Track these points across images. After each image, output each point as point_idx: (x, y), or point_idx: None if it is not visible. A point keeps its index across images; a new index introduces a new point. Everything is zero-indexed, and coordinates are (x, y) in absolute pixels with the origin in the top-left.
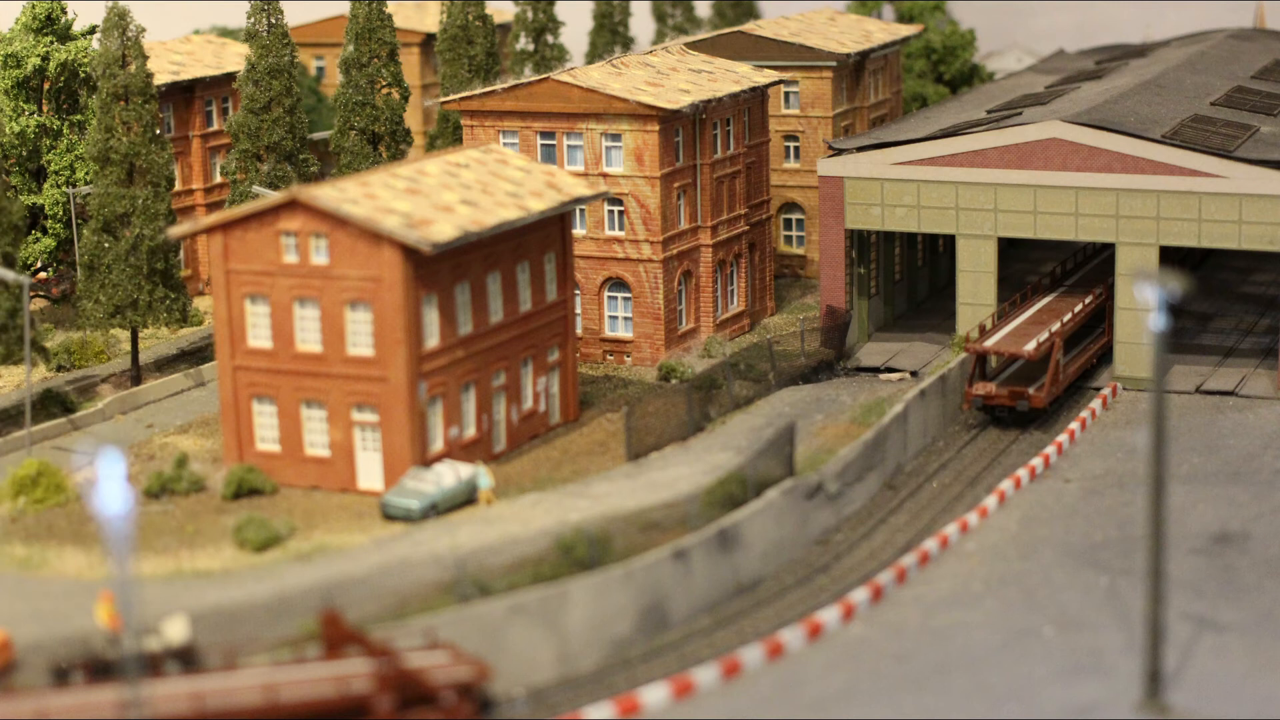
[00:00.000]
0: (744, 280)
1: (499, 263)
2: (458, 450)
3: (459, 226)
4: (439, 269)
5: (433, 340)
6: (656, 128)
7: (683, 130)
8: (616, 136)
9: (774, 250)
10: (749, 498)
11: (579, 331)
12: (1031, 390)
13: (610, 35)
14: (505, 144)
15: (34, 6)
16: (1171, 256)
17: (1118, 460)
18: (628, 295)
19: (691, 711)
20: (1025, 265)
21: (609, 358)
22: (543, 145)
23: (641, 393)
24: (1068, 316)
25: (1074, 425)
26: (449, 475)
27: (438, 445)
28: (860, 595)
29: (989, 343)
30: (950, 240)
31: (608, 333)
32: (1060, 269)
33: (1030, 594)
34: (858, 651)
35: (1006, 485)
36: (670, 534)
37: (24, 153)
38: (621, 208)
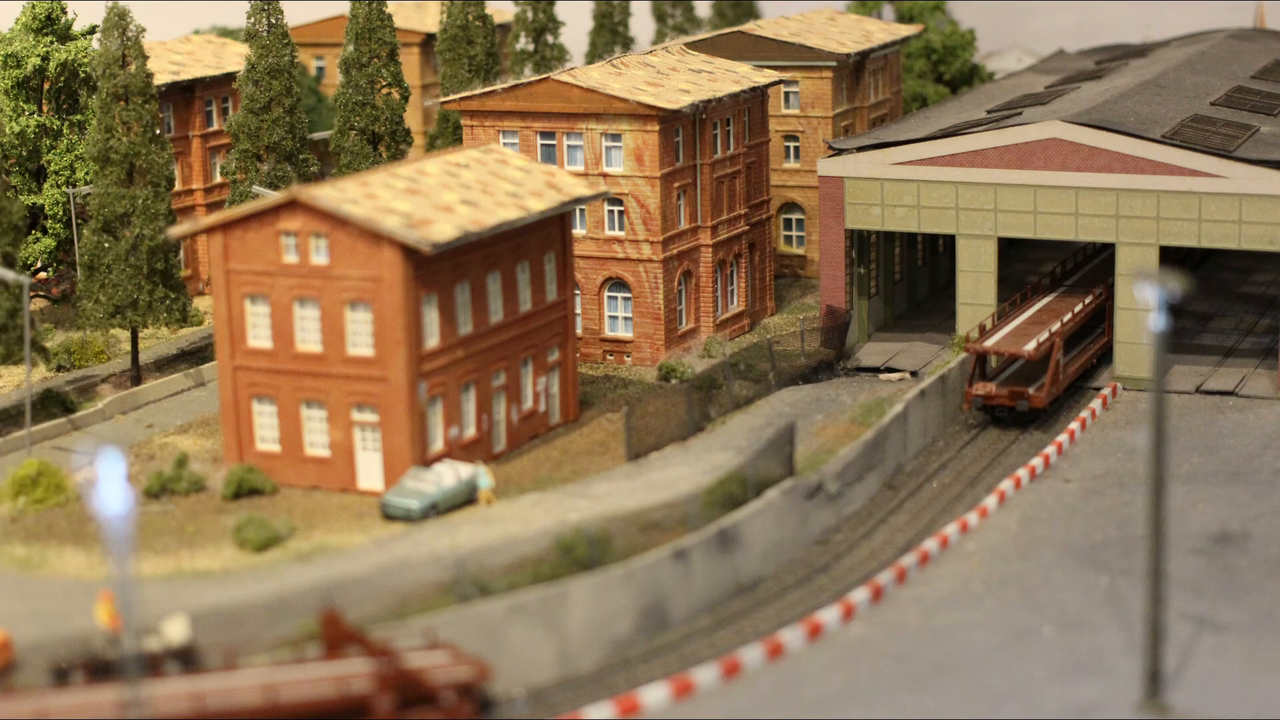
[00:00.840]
0: (744, 280)
1: (499, 263)
2: (458, 450)
3: (459, 226)
4: (439, 269)
5: (433, 340)
6: (656, 128)
7: (683, 130)
8: (616, 136)
9: (774, 250)
10: (749, 498)
11: (579, 331)
12: (1031, 390)
13: (610, 35)
14: (505, 144)
15: (34, 6)
16: (1171, 256)
17: (1118, 460)
18: (628, 295)
19: (691, 711)
20: (1025, 265)
21: (609, 358)
22: (543, 145)
23: (641, 393)
24: (1068, 316)
25: (1074, 425)
26: (449, 475)
27: (438, 445)
28: (860, 595)
29: (989, 343)
30: (950, 240)
31: (608, 333)
32: (1060, 269)
33: (1030, 594)
34: (858, 651)
35: (1006, 485)
36: (670, 534)
37: (24, 153)
38: (621, 208)
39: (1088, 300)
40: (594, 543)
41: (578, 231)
